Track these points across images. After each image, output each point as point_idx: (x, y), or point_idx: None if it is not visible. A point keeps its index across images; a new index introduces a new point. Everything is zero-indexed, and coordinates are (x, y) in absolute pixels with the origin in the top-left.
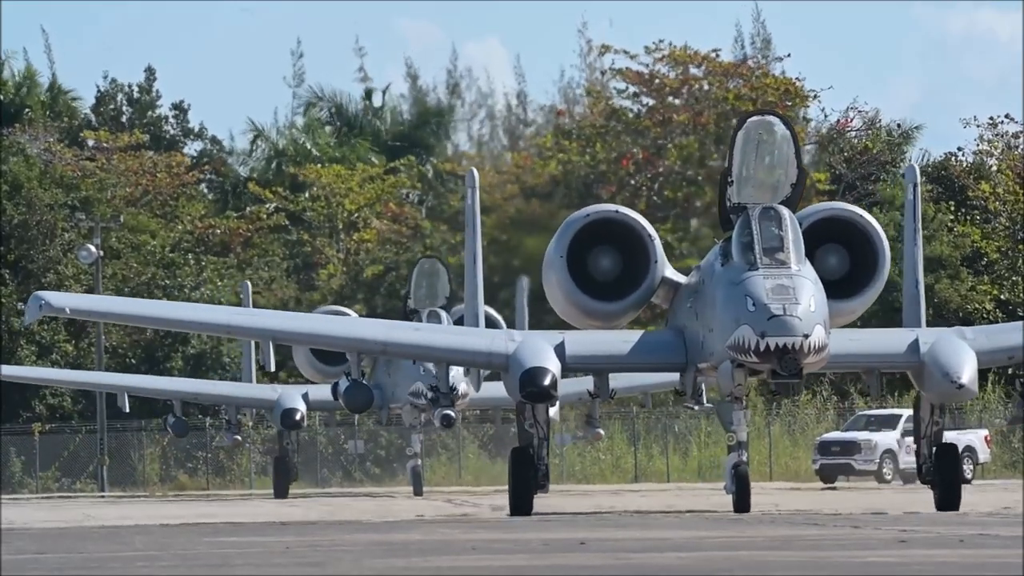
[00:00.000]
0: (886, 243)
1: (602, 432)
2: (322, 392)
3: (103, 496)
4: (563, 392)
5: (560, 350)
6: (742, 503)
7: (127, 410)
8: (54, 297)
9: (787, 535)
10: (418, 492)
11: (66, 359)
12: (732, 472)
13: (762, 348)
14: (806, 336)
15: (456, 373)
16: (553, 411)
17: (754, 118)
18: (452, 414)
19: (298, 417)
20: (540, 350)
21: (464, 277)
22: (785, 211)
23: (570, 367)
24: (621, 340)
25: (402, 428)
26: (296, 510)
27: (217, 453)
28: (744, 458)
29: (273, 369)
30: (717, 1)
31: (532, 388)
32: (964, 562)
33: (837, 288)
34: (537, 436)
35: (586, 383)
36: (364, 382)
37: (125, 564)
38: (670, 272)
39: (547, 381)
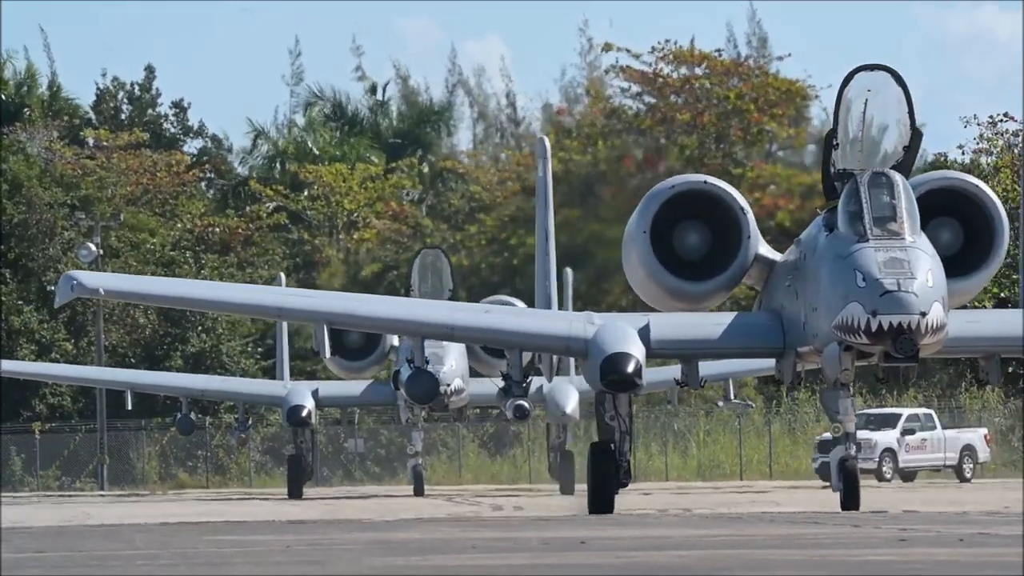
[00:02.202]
0: (1004, 216)
1: None
2: (334, 388)
3: (103, 495)
4: (647, 381)
5: (644, 334)
6: (851, 501)
7: (130, 407)
8: (87, 277)
9: (787, 533)
10: (419, 492)
11: (65, 357)
12: (839, 467)
13: (874, 328)
14: (923, 314)
15: (448, 368)
16: (572, 408)
17: (862, 73)
18: (526, 404)
19: (305, 414)
20: (623, 334)
21: (536, 255)
22: (897, 176)
23: (655, 353)
24: (712, 323)
25: (401, 426)
26: (296, 508)
27: (217, 452)
28: (853, 451)
29: (328, 355)
30: (717, 1)
31: (614, 376)
32: (964, 561)
33: (951, 265)
34: (619, 430)
35: (672, 371)
36: (429, 369)
37: (125, 563)
38: (764, 249)
39: (630, 368)
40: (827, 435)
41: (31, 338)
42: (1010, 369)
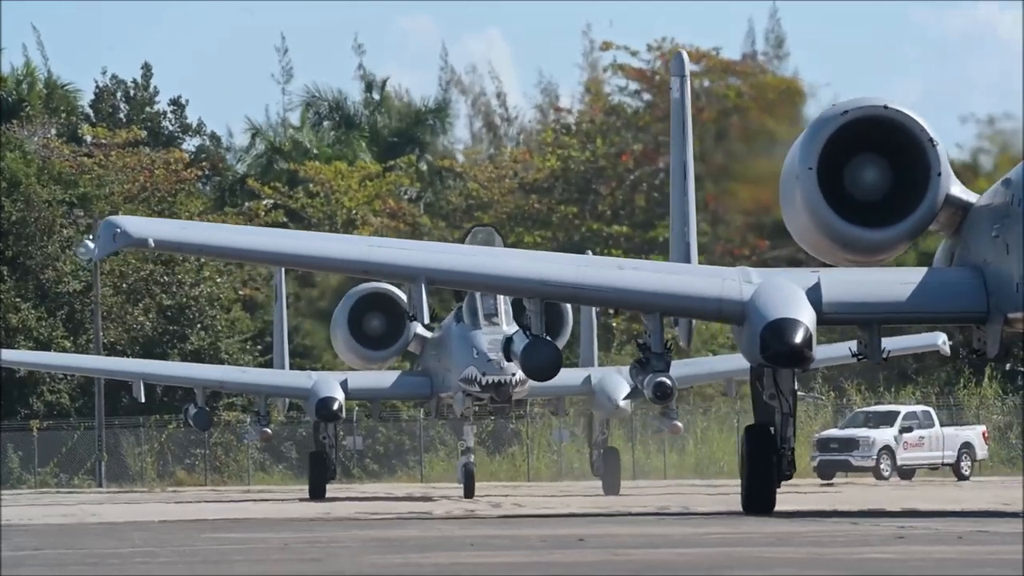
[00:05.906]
0: None
1: (680, 425)
2: (364, 380)
3: (100, 492)
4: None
5: (815, 295)
6: None
7: (143, 400)
8: (132, 224)
9: (785, 531)
10: (469, 493)
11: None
12: None
13: None
14: None
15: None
16: (624, 400)
17: None
18: (668, 381)
19: (335, 407)
20: (788, 295)
21: (671, 195)
22: None
23: (828, 318)
24: (898, 281)
25: (400, 424)
26: (296, 506)
27: (215, 449)
28: None
29: (428, 321)
30: (725, 1)
31: (778, 347)
32: (963, 558)
33: None
34: (780, 411)
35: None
36: (547, 338)
37: (124, 560)
38: (957, 189)
39: (798, 337)
40: (825, 433)
41: (29, 336)
42: (1008, 366)
